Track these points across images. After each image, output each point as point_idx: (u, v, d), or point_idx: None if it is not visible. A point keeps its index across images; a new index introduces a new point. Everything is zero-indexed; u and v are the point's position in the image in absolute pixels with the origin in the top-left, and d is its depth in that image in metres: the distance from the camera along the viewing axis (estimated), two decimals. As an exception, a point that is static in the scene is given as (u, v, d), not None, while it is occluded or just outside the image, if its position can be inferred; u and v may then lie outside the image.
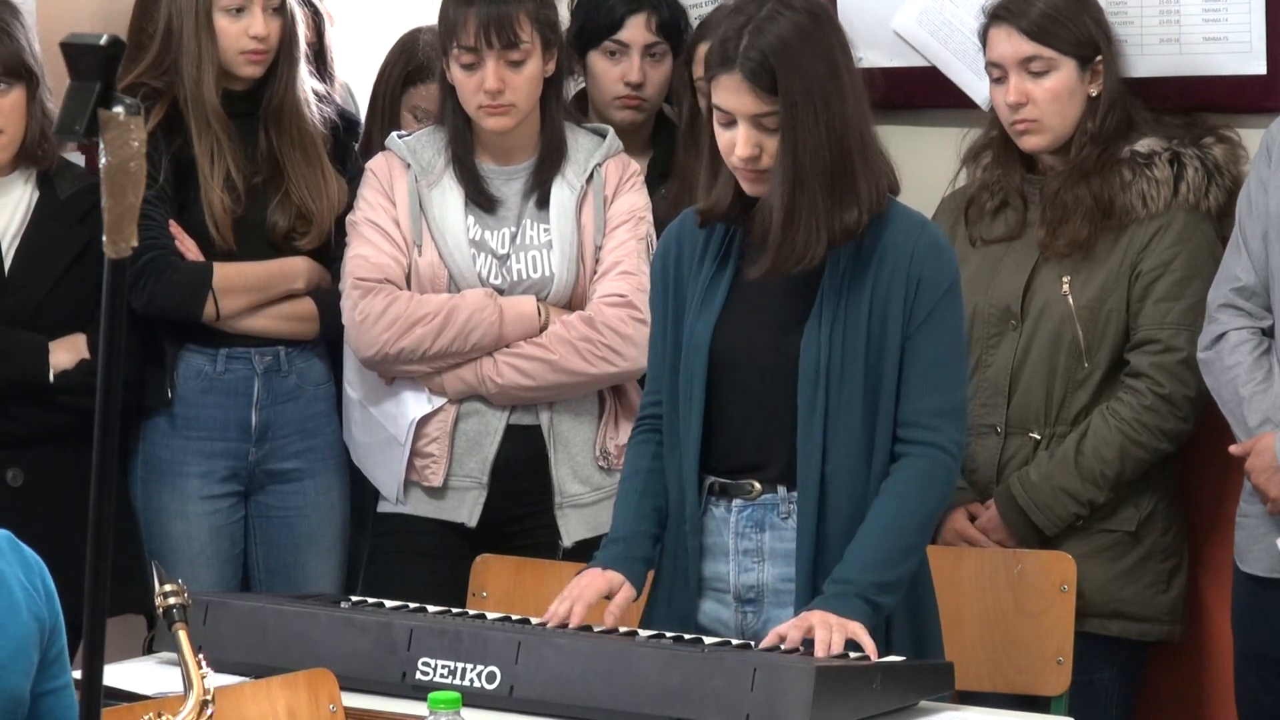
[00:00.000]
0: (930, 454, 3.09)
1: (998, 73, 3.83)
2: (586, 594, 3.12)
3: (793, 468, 3.11)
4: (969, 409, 3.82)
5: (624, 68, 4.23)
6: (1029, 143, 3.84)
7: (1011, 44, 3.78)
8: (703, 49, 3.63)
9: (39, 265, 3.89)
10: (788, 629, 2.98)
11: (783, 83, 3.01)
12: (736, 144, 3.05)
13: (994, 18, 3.82)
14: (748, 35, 3.03)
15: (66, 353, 3.89)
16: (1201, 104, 3.91)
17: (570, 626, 3.06)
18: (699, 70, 3.85)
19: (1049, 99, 3.78)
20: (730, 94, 3.04)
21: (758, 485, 3.15)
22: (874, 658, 2.92)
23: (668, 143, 4.30)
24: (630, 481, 3.28)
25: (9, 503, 3.84)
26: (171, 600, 2.49)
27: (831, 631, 2.93)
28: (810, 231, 3.04)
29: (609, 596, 3.13)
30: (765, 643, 2.98)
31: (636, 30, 4.23)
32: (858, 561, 3.04)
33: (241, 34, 3.93)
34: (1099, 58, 3.80)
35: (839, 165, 3.04)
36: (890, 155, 3.19)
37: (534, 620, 3.11)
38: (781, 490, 3.14)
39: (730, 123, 3.06)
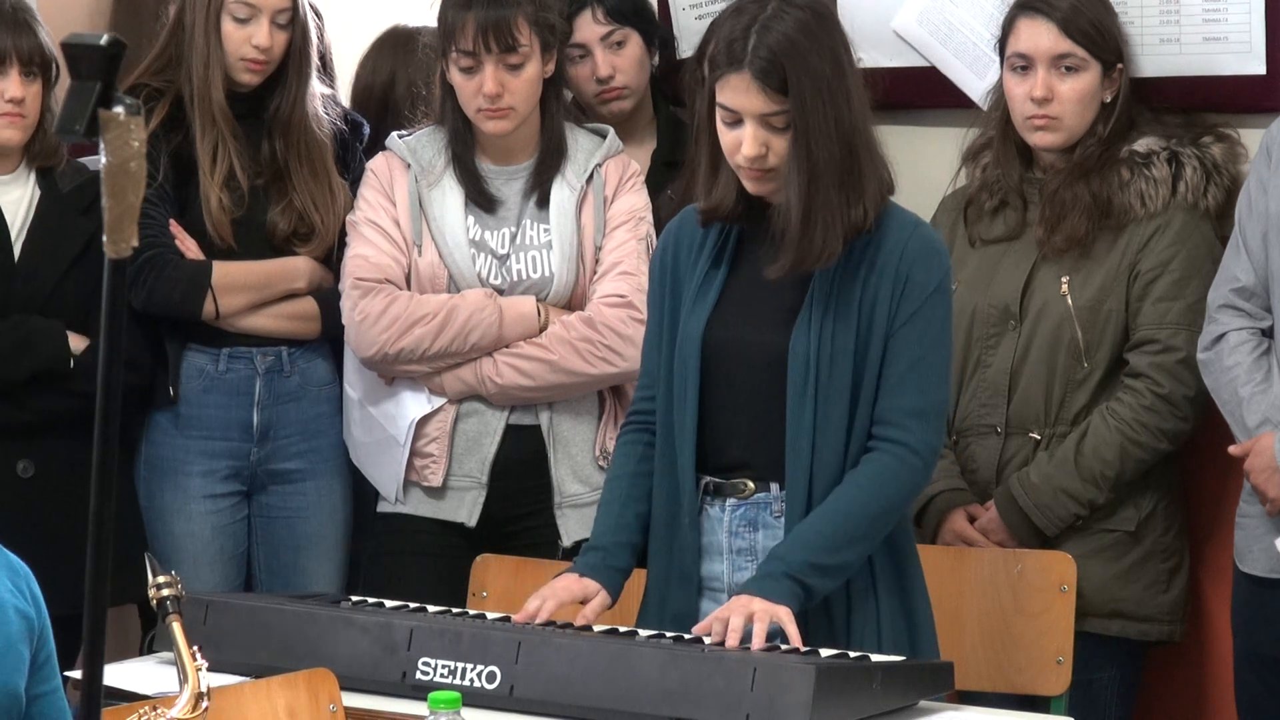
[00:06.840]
0: (896, 452, 3.09)
1: (1023, 64, 3.80)
2: (559, 595, 3.13)
3: (783, 463, 3.12)
4: (969, 410, 3.85)
5: (590, 66, 4.20)
6: (1042, 139, 3.82)
7: (1049, 38, 3.76)
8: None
9: (47, 256, 3.91)
10: (710, 621, 2.97)
11: (792, 81, 3.02)
12: (743, 143, 3.05)
13: (1029, 8, 3.79)
14: (755, 34, 3.03)
15: (79, 338, 3.90)
16: (1201, 104, 3.91)
17: (536, 624, 3.06)
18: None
19: (1074, 99, 3.77)
20: (739, 93, 3.04)
21: (751, 484, 3.16)
22: (798, 645, 2.92)
23: (670, 128, 4.29)
24: (614, 486, 3.28)
25: (20, 493, 3.86)
26: (165, 592, 2.48)
27: (750, 618, 2.93)
28: (828, 229, 3.05)
29: (583, 602, 3.14)
30: (697, 630, 2.98)
31: (586, 28, 4.17)
32: (796, 541, 3.05)
33: (245, 42, 3.92)
34: (1119, 66, 3.80)
35: (848, 162, 3.06)
36: (888, 156, 3.19)
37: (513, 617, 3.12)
38: (774, 488, 3.14)
39: (736, 122, 3.06)
